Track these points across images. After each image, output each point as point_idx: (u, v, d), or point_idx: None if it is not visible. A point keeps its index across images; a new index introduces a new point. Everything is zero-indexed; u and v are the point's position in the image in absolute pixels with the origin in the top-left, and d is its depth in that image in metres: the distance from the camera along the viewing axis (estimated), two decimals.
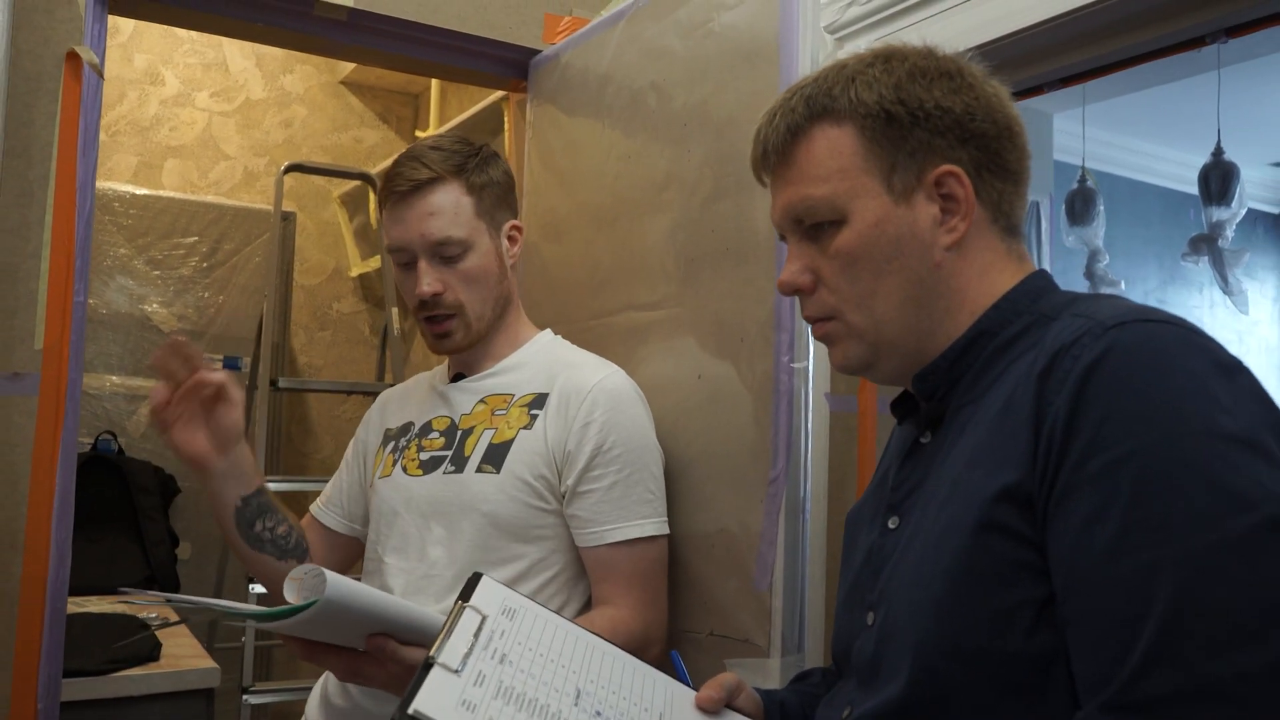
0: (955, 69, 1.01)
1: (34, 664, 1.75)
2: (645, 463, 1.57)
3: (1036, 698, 0.83)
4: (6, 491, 1.76)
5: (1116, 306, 0.88)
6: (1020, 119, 1.04)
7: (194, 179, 4.12)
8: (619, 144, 1.94)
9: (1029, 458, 0.84)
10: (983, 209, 0.99)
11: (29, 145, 1.79)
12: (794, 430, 1.53)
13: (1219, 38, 1.86)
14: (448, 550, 1.53)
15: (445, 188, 1.57)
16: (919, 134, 0.98)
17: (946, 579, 0.87)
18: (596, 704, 1.00)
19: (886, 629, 0.94)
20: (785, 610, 1.50)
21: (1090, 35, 1.95)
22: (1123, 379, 0.80)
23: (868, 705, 0.94)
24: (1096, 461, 0.79)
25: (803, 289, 1.04)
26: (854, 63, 1.03)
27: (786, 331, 1.54)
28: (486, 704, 0.91)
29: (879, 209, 0.98)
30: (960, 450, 0.94)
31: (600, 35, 2.02)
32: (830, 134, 1.00)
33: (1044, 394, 0.84)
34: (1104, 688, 0.77)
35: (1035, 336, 0.93)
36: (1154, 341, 0.82)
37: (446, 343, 1.61)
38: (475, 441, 1.58)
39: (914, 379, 1.02)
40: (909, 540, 0.96)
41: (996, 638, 0.84)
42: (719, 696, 1.08)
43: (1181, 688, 0.73)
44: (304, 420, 4.36)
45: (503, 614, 1.04)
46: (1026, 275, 1.01)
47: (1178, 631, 0.74)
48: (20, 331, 1.78)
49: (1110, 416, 0.79)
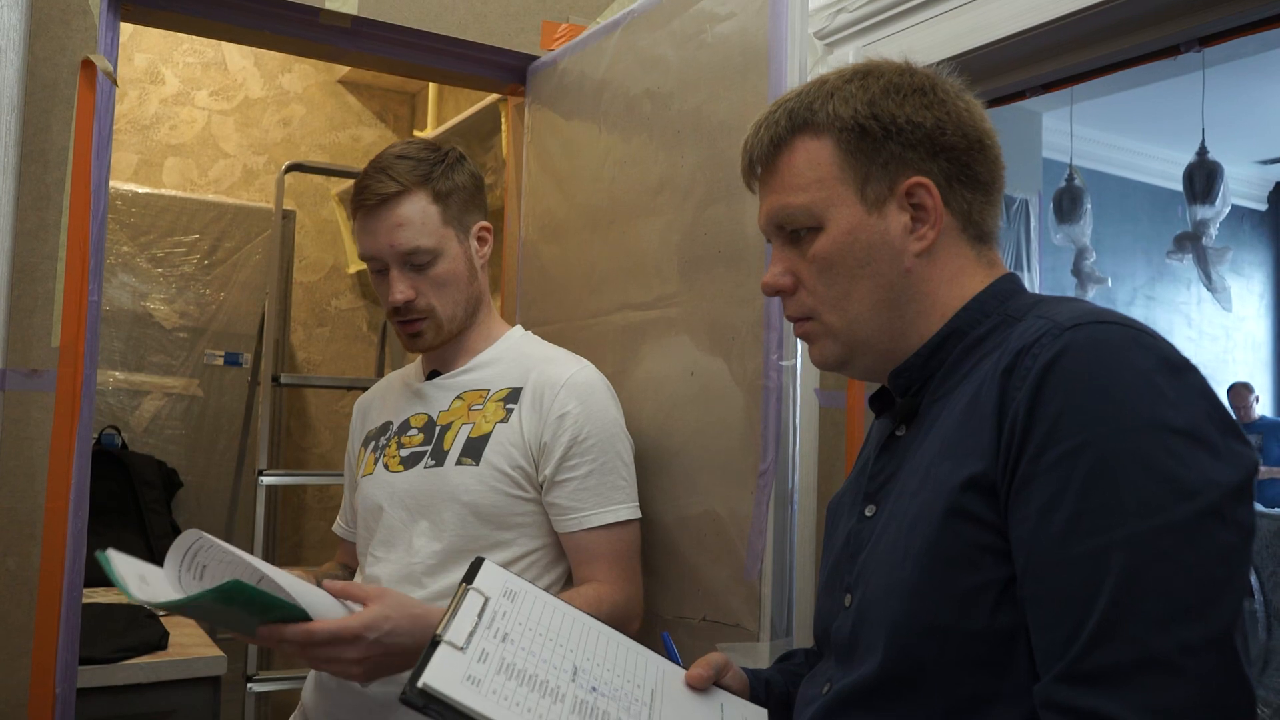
0: (929, 85, 1.07)
1: (52, 650, 1.81)
2: (618, 451, 1.64)
3: (1001, 671, 0.90)
4: (25, 484, 1.82)
5: (1075, 309, 0.94)
6: (993, 132, 1.09)
7: (194, 177, 4.16)
8: (615, 148, 1.99)
9: (993, 449, 0.91)
10: (952, 218, 1.06)
11: (46, 150, 1.84)
12: (783, 425, 1.59)
13: (1193, 46, 1.93)
14: (431, 540, 1.60)
15: (411, 199, 1.63)
16: (891, 147, 1.04)
17: (917, 562, 0.93)
18: (592, 680, 1.07)
19: (862, 610, 1.01)
20: (774, 596, 1.56)
21: (1069, 44, 2.02)
22: (1077, 376, 0.87)
23: (845, 681, 1.00)
24: (1053, 453, 0.86)
25: (783, 290, 1.10)
26: (834, 78, 1.09)
27: (775, 331, 1.60)
28: (490, 679, 0.98)
29: (853, 217, 1.05)
30: (931, 442, 1.00)
31: (597, 43, 2.07)
32: (810, 146, 1.06)
33: (1007, 390, 0.91)
34: (1059, 660, 0.84)
35: (1001, 336, 1.00)
36: (1106, 342, 0.88)
37: (419, 342, 1.69)
38: (454, 436, 1.65)
39: (890, 376, 1.09)
40: (884, 527, 1.03)
41: (963, 616, 0.90)
42: (707, 674, 1.15)
43: (1128, 659, 0.80)
44: (303, 415, 4.40)
45: (504, 596, 1.11)
46: (995, 279, 1.07)
47: (1125, 608, 0.80)
48: (38, 329, 1.83)
49: (1065, 411, 0.86)
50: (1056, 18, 1.90)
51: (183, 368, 3.77)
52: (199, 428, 3.80)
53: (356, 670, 1.28)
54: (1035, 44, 2.01)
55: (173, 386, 3.75)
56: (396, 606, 1.31)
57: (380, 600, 1.31)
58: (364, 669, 1.28)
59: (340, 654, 1.25)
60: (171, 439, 3.75)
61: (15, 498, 1.82)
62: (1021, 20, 1.97)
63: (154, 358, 3.74)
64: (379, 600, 1.30)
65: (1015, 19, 1.99)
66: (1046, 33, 1.95)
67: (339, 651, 1.25)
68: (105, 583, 2.88)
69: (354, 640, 1.25)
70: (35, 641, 1.80)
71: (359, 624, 1.26)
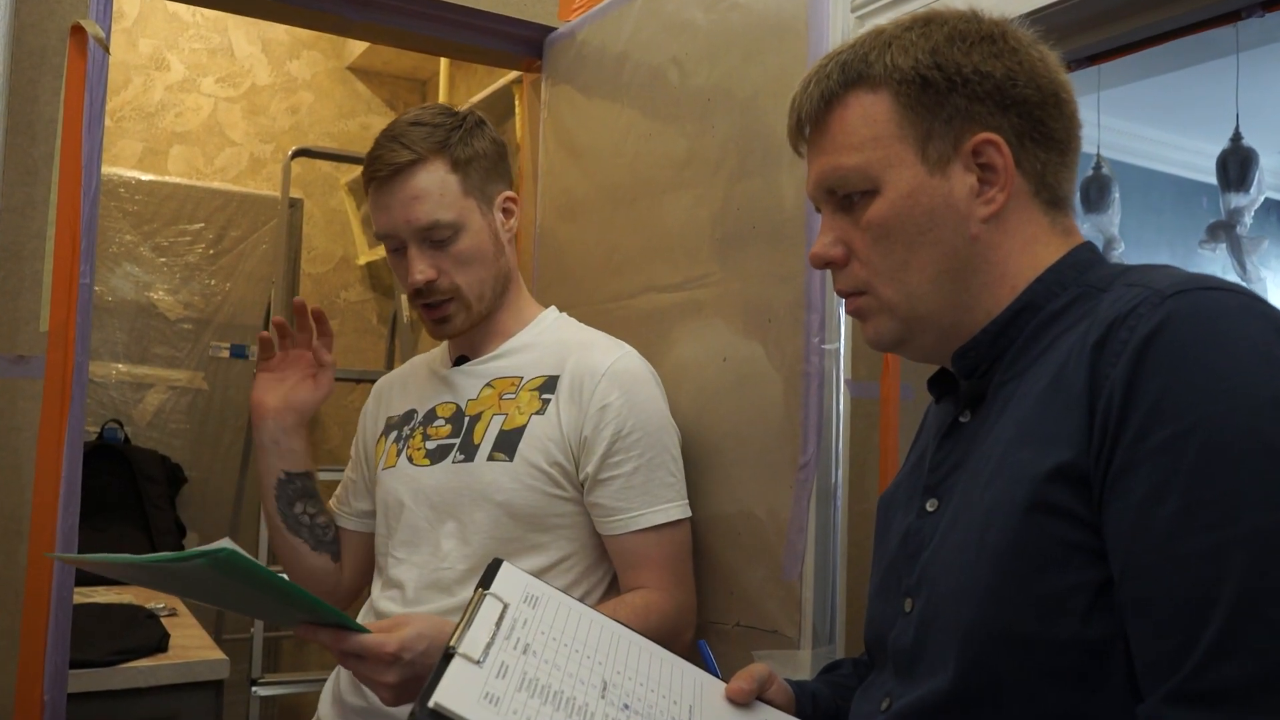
0: (998, 32, 0.97)
1: (40, 653, 1.71)
2: (665, 445, 1.52)
3: (1094, 687, 0.80)
4: (11, 477, 1.72)
5: (1173, 275, 0.84)
6: (1069, 85, 1.00)
7: (200, 165, 4.10)
8: (638, 122, 1.90)
9: (1084, 434, 0.81)
10: (1024, 180, 0.96)
11: (33, 122, 1.74)
12: (825, 414, 1.49)
13: (1255, 11, 1.82)
14: (460, 543, 1.49)
15: (428, 168, 1.50)
16: (956, 100, 0.94)
17: (994, 563, 0.84)
18: (624, 696, 0.96)
19: (927, 616, 0.91)
20: (816, 600, 1.47)
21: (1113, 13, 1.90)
22: (1183, 349, 0.77)
23: (910, 697, 0.90)
24: (1157, 436, 0.75)
25: (834, 261, 1.00)
26: (892, 28, 1.00)
27: (817, 312, 1.50)
28: (510, 697, 0.87)
29: (913, 179, 0.95)
30: (1004, 428, 0.90)
31: (618, 10, 1.99)
32: (865, 101, 0.97)
33: (1099, 366, 0.81)
34: (1169, 677, 0.73)
35: (1085, 308, 0.90)
36: (1215, 309, 0.78)
37: (446, 327, 1.56)
38: (485, 428, 1.53)
39: (954, 356, 0.99)
40: (950, 523, 0.93)
41: (1049, 623, 0.80)
42: (750, 688, 1.05)
43: (1253, 676, 0.70)
44: None
45: (525, 602, 1.00)
46: (1072, 248, 0.97)
47: (1248, 616, 0.70)
48: (25, 313, 1.74)
49: (1171, 388, 0.76)
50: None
51: (187, 360, 3.73)
52: (204, 422, 3.75)
53: (387, 694, 1.19)
54: (1091, 9, 1.89)
55: (177, 379, 3.71)
56: (431, 625, 1.22)
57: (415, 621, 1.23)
58: (394, 693, 1.19)
59: (373, 674, 1.19)
60: (175, 433, 3.71)
61: (1, 492, 1.72)
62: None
63: (157, 350, 3.70)
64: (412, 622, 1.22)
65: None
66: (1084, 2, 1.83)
67: (371, 670, 1.18)
68: (101, 582, 2.81)
69: (392, 662, 1.17)
70: (21, 645, 1.70)
71: (396, 644, 1.17)
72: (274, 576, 1.05)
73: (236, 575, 1.01)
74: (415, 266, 1.51)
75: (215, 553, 0.96)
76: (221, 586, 1.09)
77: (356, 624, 1.17)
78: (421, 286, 1.51)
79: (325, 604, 1.13)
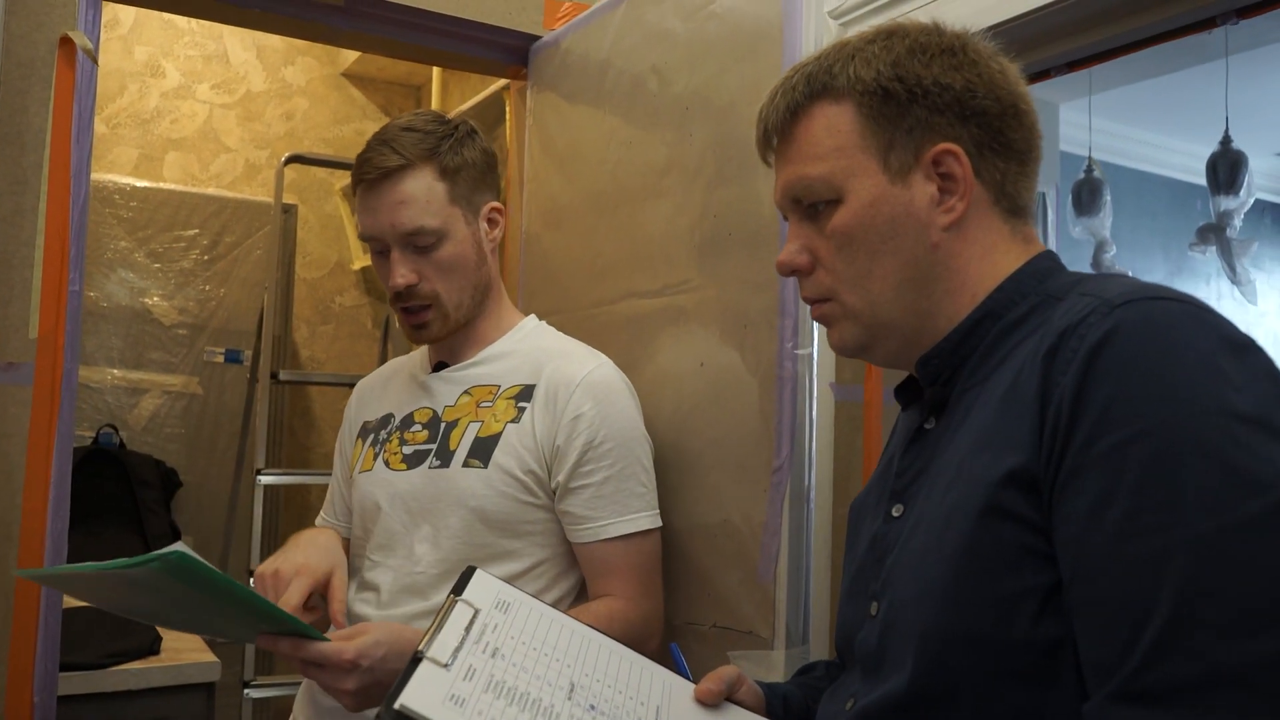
0: (959, 45, 0.99)
1: (29, 657, 1.73)
2: (636, 455, 1.54)
3: (1045, 686, 0.81)
4: (1, 484, 1.75)
5: (1125, 285, 0.85)
6: (1029, 97, 1.01)
7: (195, 171, 4.11)
8: (620, 129, 1.91)
9: (1035, 440, 0.82)
10: (984, 189, 0.97)
11: (22, 132, 1.77)
12: (798, 418, 1.51)
13: (1229, 19, 1.84)
14: (435, 547, 1.51)
15: (416, 174, 1.51)
16: (917, 111, 0.96)
17: (951, 565, 0.85)
18: (591, 698, 0.98)
19: (890, 618, 0.93)
20: (789, 602, 1.48)
21: (1097, 18, 1.92)
22: (1131, 357, 0.78)
23: (872, 696, 0.92)
24: (1104, 442, 0.77)
25: (800, 269, 1.02)
26: (855, 40, 1.02)
27: (791, 318, 1.52)
28: (476, 698, 0.89)
29: (875, 188, 0.97)
30: (965, 434, 0.92)
31: (601, 19, 2.00)
32: (829, 112, 0.99)
33: (1050, 374, 0.82)
34: (1113, 676, 0.75)
35: (1042, 317, 0.91)
36: (1163, 319, 0.79)
37: (423, 333, 1.58)
38: (461, 435, 1.54)
39: (918, 363, 1.00)
40: (913, 528, 0.94)
41: (1002, 625, 0.82)
42: (718, 689, 1.07)
43: (1193, 676, 0.71)
44: (306, 414, 4.35)
45: (496, 608, 1.02)
46: (1032, 256, 0.99)
47: (1189, 617, 0.72)
48: (14, 320, 1.76)
49: (1118, 396, 0.77)
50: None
51: (182, 365, 3.73)
52: (199, 426, 3.75)
53: (349, 700, 1.23)
54: (1064, 17, 1.92)
55: (172, 384, 3.71)
56: (389, 633, 1.25)
57: (373, 629, 1.26)
58: (355, 699, 1.22)
59: (333, 681, 1.22)
60: (170, 438, 3.70)
61: None
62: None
63: (153, 355, 3.70)
64: (372, 630, 1.25)
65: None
66: (1074, 5, 1.86)
67: (331, 678, 1.21)
68: None
69: (350, 669, 1.20)
70: (11, 649, 1.72)
71: (354, 651, 1.20)
72: (229, 581, 1.05)
73: (190, 580, 1.01)
74: (397, 270, 1.52)
75: (167, 555, 0.96)
76: (178, 597, 1.09)
77: (316, 632, 1.19)
78: (401, 290, 1.53)
79: (283, 612, 1.16)
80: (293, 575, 1.39)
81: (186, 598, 1.09)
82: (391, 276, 1.53)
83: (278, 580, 1.39)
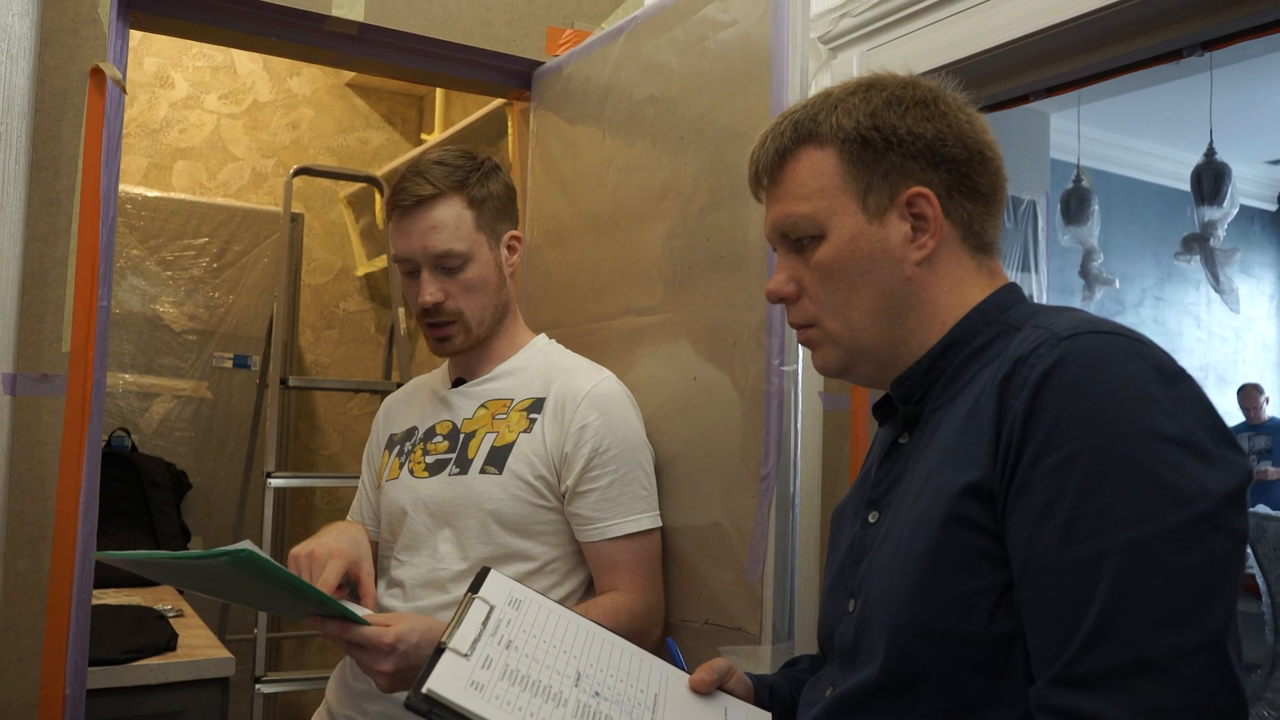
0: (931, 98, 1.08)
1: (62, 652, 1.83)
2: (639, 461, 1.67)
3: (998, 674, 0.91)
4: (36, 488, 1.84)
5: (1073, 318, 0.95)
6: (994, 144, 1.11)
7: (203, 180, 4.19)
8: (619, 154, 2.00)
9: (990, 457, 0.92)
10: (952, 228, 1.07)
11: (56, 157, 1.86)
12: (784, 430, 1.60)
13: (1195, 50, 1.94)
14: (456, 546, 1.64)
15: (447, 202, 1.66)
16: (892, 157, 1.06)
17: (917, 567, 0.95)
18: (595, 685, 1.08)
19: (865, 615, 1.02)
20: (775, 600, 1.58)
21: (1073, 48, 2.02)
22: (1073, 385, 0.88)
23: (847, 684, 1.02)
24: (1049, 460, 0.87)
25: (787, 297, 1.12)
26: (838, 91, 1.11)
27: (777, 336, 1.61)
28: (494, 684, 1.00)
29: (854, 226, 1.06)
30: (933, 450, 1.02)
31: (601, 49, 2.08)
32: (814, 156, 1.08)
33: (1005, 398, 0.92)
34: (1053, 664, 0.85)
35: (1001, 345, 1.01)
36: (1102, 351, 0.89)
37: (446, 346, 1.71)
38: (478, 444, 1.68)
39: (893, 384, 1.10)
40: (886, 533, 1.04)
41: (962, 620, 0.92)
42: (711, 679, 1.18)
43: (1121, 662, 0.81)
44: (311, 417, 4.42)
45: (509, 604, 1.13)
46: (996, 289, 1.09)
47: (1118, 613, 0.82)
48: (48, 335, 1.85)
49: (1062, 419, 0.87)
50: (1060, 22, 1.91)
51: (192, 370, 3.80)
52: (208, 430, 3.83)
53: (383, 680, 1.34)
54: (1039, 48, 2.02)
55: (182, 389, 3.78)
56: (422, 622, 1.37)
57: (408, 618, 1.37)
58: (389, 680, 1.34)
59: (372, 662, 1.33)
60: (181, 441, 3.78)
61: (26, 501, 1.84)
62: (1026, 25, 1.98)
63: (163, 360, 3.77)
64: (407, 618, 1.37)
65: (1019, 23, 2.00)
66: (1050, 37, 1.95)
67: (370, 658, 1.33)
68: (116, 584, 2.92)
69: (389, 652, 1.32)
70: (45, 643, 1.82)
71: (393, 636, 1.32)
72: (289, 574, 1.20)
73: (254, 572, 1.15)
74: (426, 289, 1.66)
75: (236, 552, 1.10)
76: (239, 582, 1.23)
77: (359, 617, 1.32)
78: (429, 307, 1.67)
79: (332, 599, 1.29)
80: (327, 558, 1.52)
81: (245, 582, 1.22)
82: (421, 295, 1.67)
83: (312, 561, 1.52)
